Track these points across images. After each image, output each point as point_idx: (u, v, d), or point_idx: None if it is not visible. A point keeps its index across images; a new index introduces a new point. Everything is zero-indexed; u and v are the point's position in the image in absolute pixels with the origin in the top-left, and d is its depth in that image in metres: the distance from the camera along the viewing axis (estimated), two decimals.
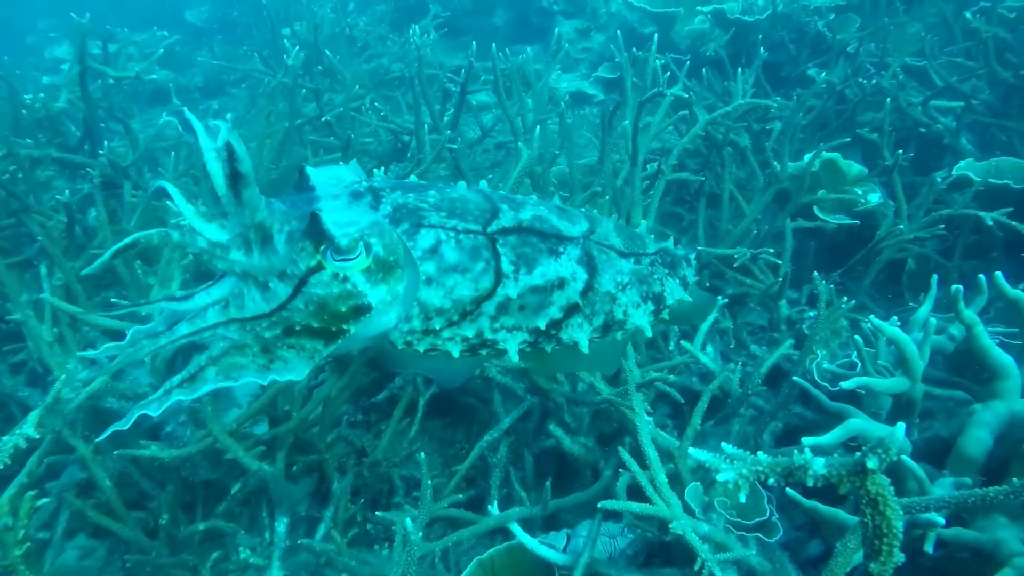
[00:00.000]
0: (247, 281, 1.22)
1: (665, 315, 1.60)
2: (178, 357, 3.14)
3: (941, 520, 1.54)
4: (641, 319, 1.52)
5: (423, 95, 3.34)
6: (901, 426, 1.06)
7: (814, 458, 1.02)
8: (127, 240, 1.18)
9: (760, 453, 1.07)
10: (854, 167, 3.62)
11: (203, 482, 2.77)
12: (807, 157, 3.38)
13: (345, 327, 1.22)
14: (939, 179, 3.12)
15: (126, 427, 1.19)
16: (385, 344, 1.38)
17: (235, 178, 1.13)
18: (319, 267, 1.19)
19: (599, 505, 1.83)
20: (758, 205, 3.19)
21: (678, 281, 1.62)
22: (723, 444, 1.09)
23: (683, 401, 2.44)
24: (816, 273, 2.23)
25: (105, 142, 3.30)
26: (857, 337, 2.12)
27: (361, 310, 1.22)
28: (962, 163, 3.34)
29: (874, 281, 3.64)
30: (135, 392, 2.35)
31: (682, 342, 2.62)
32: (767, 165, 3.41)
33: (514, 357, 1.40)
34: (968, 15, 3.90)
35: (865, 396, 2.28)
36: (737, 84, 3.16)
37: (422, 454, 3.01)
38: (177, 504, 2.67)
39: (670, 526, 1.78)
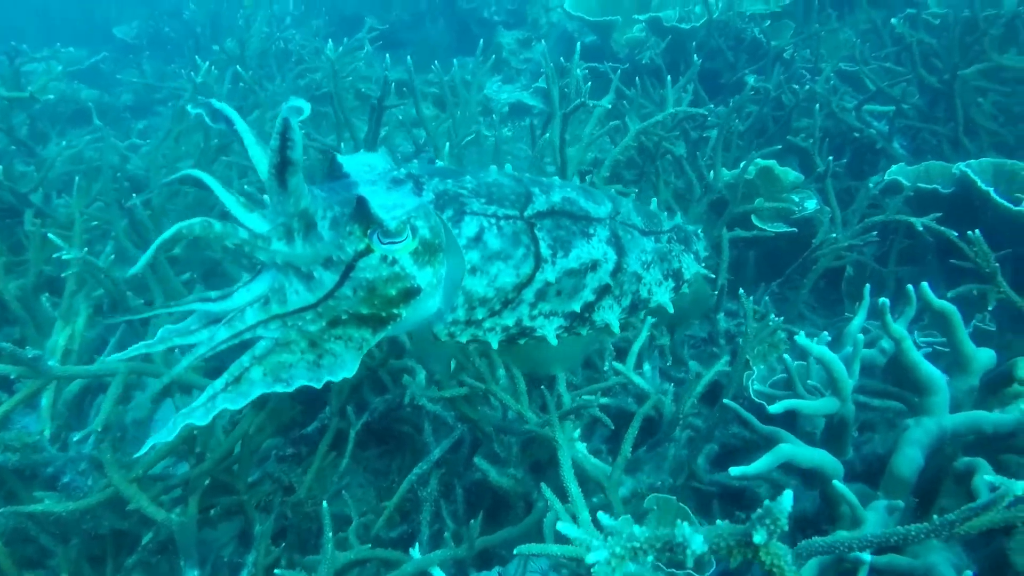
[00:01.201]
0: (288, 273, 1.19)
1: (685, 289, 1.63)
2: (87, 397, 2.96)
3: (868, 558, 1.46)
4: (663, 296, 1.55)
5: (341, 111, 3.20)
6: (788, 493, 0.96)
7: (694, 534, 0.92)
8: (171, 231, 1.12)
9: (636, 527, 0.96)
10: (791, 174, 3.59)
11: (113, 532, 2.59)
12: (742, 165, 3.33)
13: (396, 311, 1.20)
14: (872, 185, 3.09)
15: (170, 438, 1.14)
16: (428, 337, 1.36)
17: (284, 165, 1.09)
18: (367, 251, 1.18)
19: (515, 551, 1.71)
20: (693, 215, 3.12)
21: (692, 256, 1.65)
22: (600, 514, 0.98)
23: (612, 428, 2.34)
24: (741, 291, 2.15)
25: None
26: (786, 356, 2.04)
27: (411, 292, 1.21)
28: (893, 168, 3.32)
29: (814, 288, 3.61)
30: (23, 442, 2.16)
31: (614, 363, 2.52)
32: (705, 174, 3.35)
33: (553, 342, 1.39)
34: (894, 21, 3.90)
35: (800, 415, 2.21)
36: (668, 93, 3.09)
37: (344, 492, 2.89)
38: (83, 558, 2.49)
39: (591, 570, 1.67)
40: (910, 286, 2.26)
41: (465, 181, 1.34)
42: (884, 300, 1.96)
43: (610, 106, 2.92)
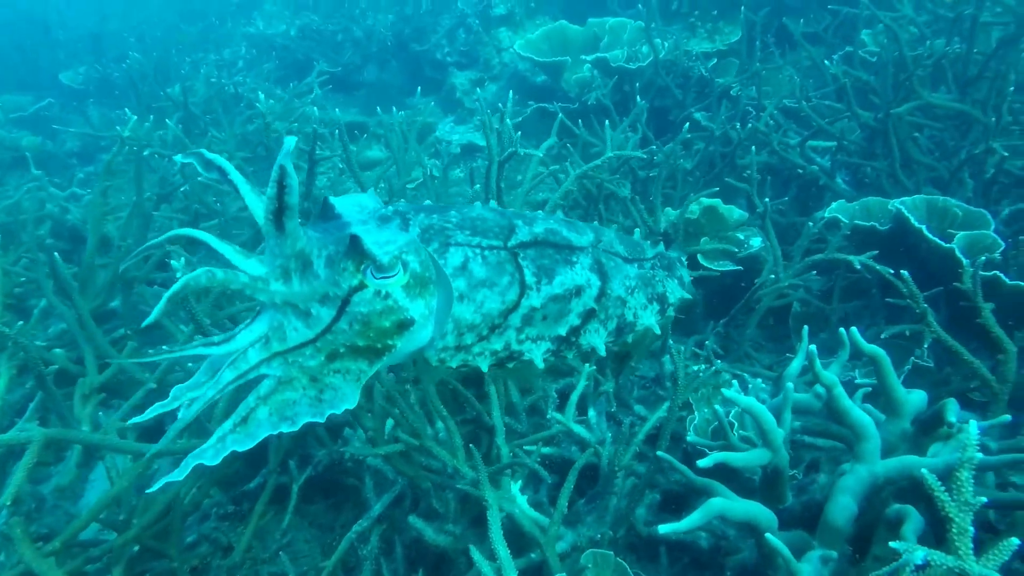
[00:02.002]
0: (286, 312, 1.24)
1: (671, 312, 1.68)
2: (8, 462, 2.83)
3: None
4: (649, 319, 1.60)
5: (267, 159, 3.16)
6: None
7: None
8: (179, 284, 1.16)
9: None
10: (735, 212, 3.61)
11: None
12: (684, 206, 3.34)
13: (390, 343, 1.25)
14: (811, 224, 3.11)
15: (180, 478, 1.18)
16: (420, 363, 1.42)
17: (282, 210, 1.15)
18: (361, 286, 1.23)
19: None
20: None
21: (676, 281, 1.71)
22: None
23: (550, 482, 2.29)
24: (671, 342, 2.13)
25: None
26: (717, 406, 2.01)
27: (404, 324, 1.26)
28: (833, 205, 3.35)
29: (763, 325, 3.61)
30: None
31: (554, 413, 2.48)
32: (652, 213, 3.35)
33: (540, 365, 1.44)
34: (827, 63, 3.98)
35: None
36: (608, 135, 3.10)
37: (282, 553, 2.79)
38: None
39: None
40: (842, 329, 2.26)
41: (450, 216, 1.41)
42: (812, 348, 1.95)
43: (541, 154, 2.91)
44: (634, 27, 5.16)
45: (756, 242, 3.58)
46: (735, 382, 2.71)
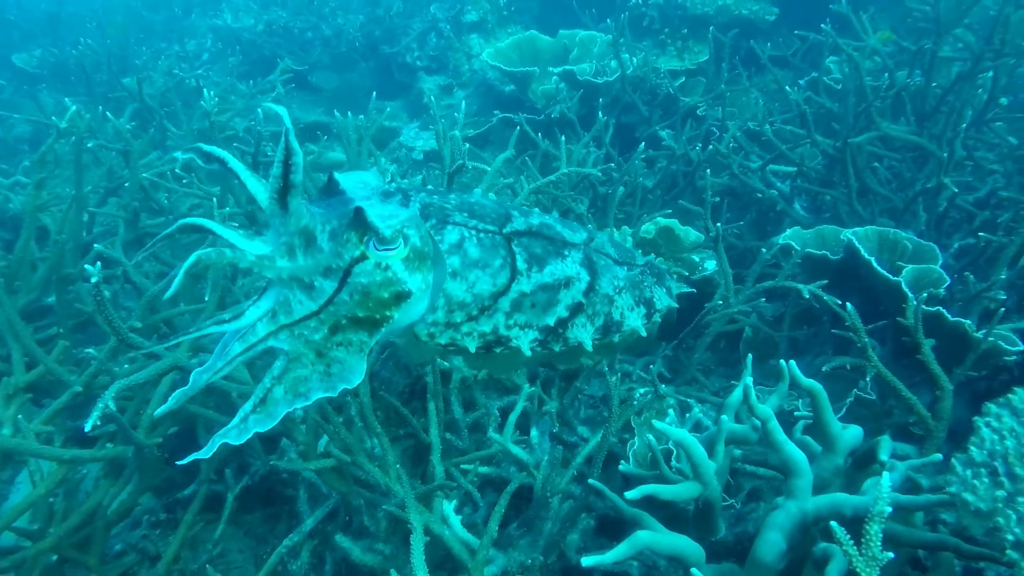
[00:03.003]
0: (292, 286, 1.28)
1: (657, 318, 1.71)
2: None
3: None
4: (636, 321, 1.64)
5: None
6: None
7: None
8: (192, 259, 1.20)
9: None
10: (691, 233, 3.59)
11: None
12: (637, 225, 3.32)
13: (388, 313, 1.30)
14: (764, 250, 3.11)
15: (208, 455, 1.25)
16: (410, 338, 1.45)
17: (287, 189, 1.21)
18: (362, 257, 1.27)
19: None
20: None
21: (664, 291, 1.75)
22: None
23: (481, 504, 2.24)
24: (607, 368, 2.10)
25: None
26: (649, 436, 1.98)
27: (402, 296, 1.30)
28: (788, 232, 3.36)
29: (714, 348, 3.60)
30: None
31: (492, 433, 2.43)
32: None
33: (527, 354, 1.47)
34: (788, 88, 4.00)
35: None
36: (562, 152, 3.07)
37: (208, 567, 2.70)
38: None
39: None
40: (782, 361, 2.24)
41: (449, 198, 1.46)
42: (747, 382, 1.93)
43: (492, 169, 2.86)
44: (604, 41, 5.15)
45: (711, 265, 3.57)
46: (671, 411, 2.70)
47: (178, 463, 1.46)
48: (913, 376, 2.82)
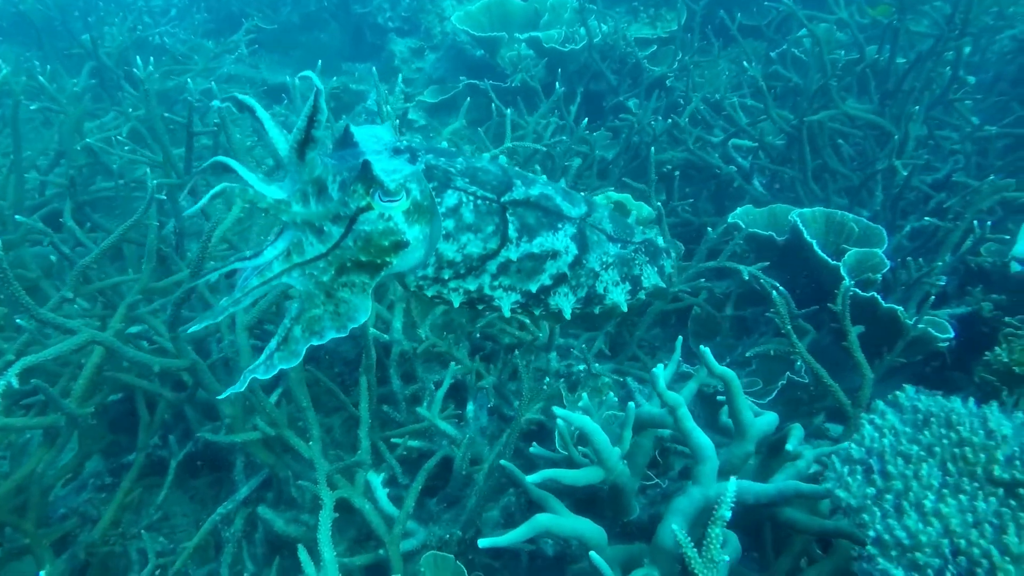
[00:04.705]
0: (304, 230, 1.40)
1: (642, 295, 1.79)
2: None
3: None
4: (619, 296, 1.71)
5: (156, 138, 3.02)
6: None
7: None
8: (218, 188, 1.36)
9: None
10: (644, 209, 3.56)
11: None
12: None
13: (388, 259, 1.41)
14: (710, 229, 3.10)
15: (242, 389, 1.40)
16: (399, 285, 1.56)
17: (307, 143, 1.32)
18: (368, 207, 1.38)
19: None
20: None
21: (656, 269, 1.82)
22: None
23: (404, 482, 2.27)
24: (517, 352, 2.10)
25: None
26: (560, 421, 1.98)
27: (400, 245, 1.41)
28: (738, 210, 3.35)
29: (665, 324, 3.62)
30: None
31: (418, 409, 2.45)
32: None
33: (506, 314, 1.58)
34: (746, 64, 3.94)
35: None
36: (507, 123, 3.03)
37: (144, 532, 2.75)
38: None
39: None
40: (680, 337, 2.27)
41: (456, 162, 1.52)
42: (657, 369, 1.94)
43: (445, 136, 2.82)
44: (574, 6, 5.05)
45: (662, 241, 3.56)
46: (606, 390, 2.72)
47: (219, 396, 1.69)
48: (850, 359, 2.85)
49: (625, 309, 1.75)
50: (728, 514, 1.32)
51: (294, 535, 2.33)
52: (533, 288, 1.57)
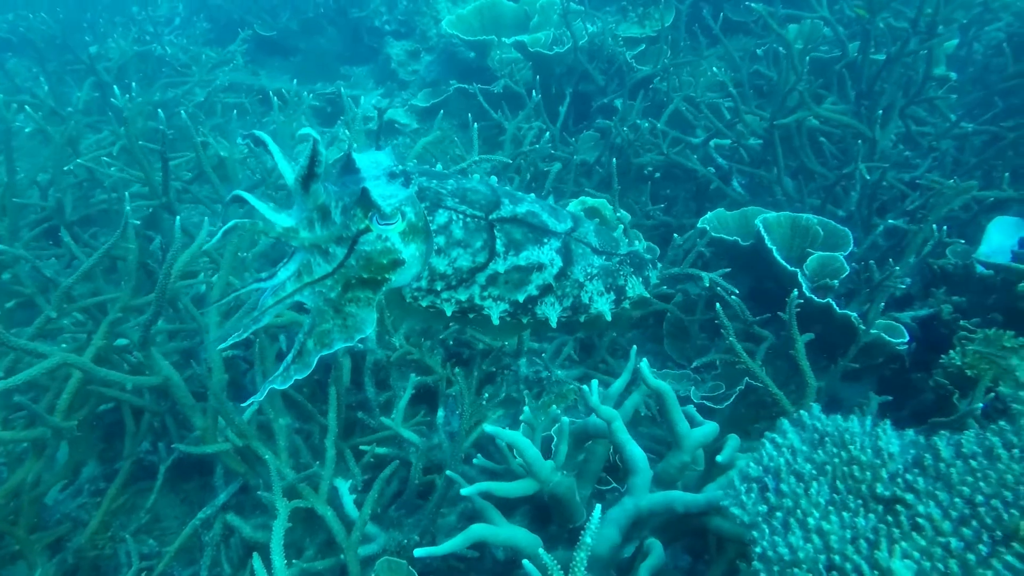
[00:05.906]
0: (312, 252, 1.55)
1: (627, 304, 1.87)
2: None
3: None
4: (603, 306, 1.80)
5: (138, 161, 3.14)
6: None
7: None
8: (232, 223, 1.50)
9: None
10: (622, 213, 3.64)
11: None
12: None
13: (387, 276, 1.55)
14: (676, 236, 3.16)
15: (260, 398, 1.59)
16: (396, 298, 1.69)
17: (310, 177, 1.46)
18: (367, 229, 1.52)
19: None
20: None
21: (641, 280, 1.90)
22: None
23: (360, 488, 2.38)
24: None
25: None
26: (499, 431, 2.07)
27: (397, 263, 1.55)
28: (709, 214, 3.39)
29: (644, 325, 3.68)
30: None
31: (382, 418, 2.56)
32: None
33: (495, 322, 1.69)
34: (715, 69, 3.96)
35: None
36: (474, 135, 3.11)
37: (128, 536, 2.89)
38: None
39: None
40: (635, 347, 2.34)
41: (447, 183, 1.65)
42: (594, 382, 2.02)
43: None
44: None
45: (640, 246, 3.62)
46: (571, 396, 2.80)
47: (242, 404, 1.87)
48: (818, 361, 2.89)
49: (609, 318, 1.84)
50: (590, 540, 1.40)
51: (261, 541, 2.46)
52: (520, 298, 1.69)
